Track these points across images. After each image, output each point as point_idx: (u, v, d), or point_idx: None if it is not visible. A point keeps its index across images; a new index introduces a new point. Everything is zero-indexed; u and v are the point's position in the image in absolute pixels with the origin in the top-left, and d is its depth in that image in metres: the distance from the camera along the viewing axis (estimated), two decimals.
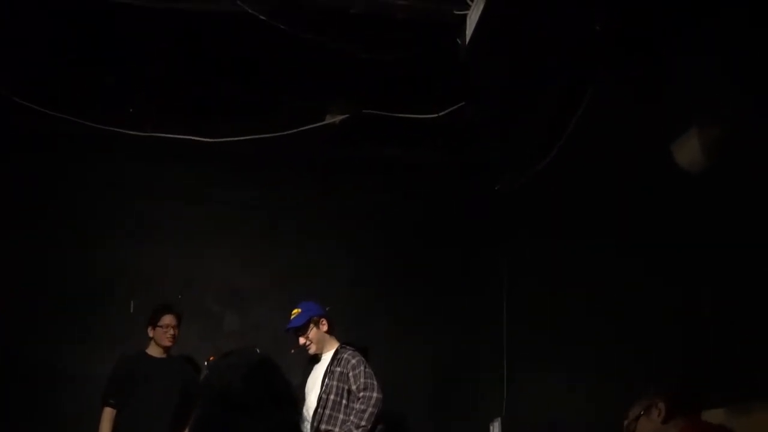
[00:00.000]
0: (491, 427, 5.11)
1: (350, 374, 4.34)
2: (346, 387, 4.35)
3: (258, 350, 2.15)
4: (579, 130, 4.19)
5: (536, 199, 4.91)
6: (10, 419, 5.05)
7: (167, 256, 5.73)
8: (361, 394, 4.28)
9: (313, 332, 4.55)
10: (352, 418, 4.22)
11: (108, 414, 4.63)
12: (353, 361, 4.39)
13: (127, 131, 4.95)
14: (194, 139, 4.98)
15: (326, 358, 4.53)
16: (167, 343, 4.86)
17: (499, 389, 5.03)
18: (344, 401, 4.34)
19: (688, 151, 3.06)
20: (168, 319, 4.87)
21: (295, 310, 4.62)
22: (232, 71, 4.70)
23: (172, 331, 4.86)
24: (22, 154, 5.52)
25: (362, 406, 4.24)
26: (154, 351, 4.88)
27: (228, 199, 5.93)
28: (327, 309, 4.84)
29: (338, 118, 4.95)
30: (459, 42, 3.92)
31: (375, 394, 4.28)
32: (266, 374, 1.89)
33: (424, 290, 5.96)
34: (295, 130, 4.94)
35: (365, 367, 4.38)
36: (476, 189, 5.77)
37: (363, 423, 4.19)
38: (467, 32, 3.86)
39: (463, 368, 5.74)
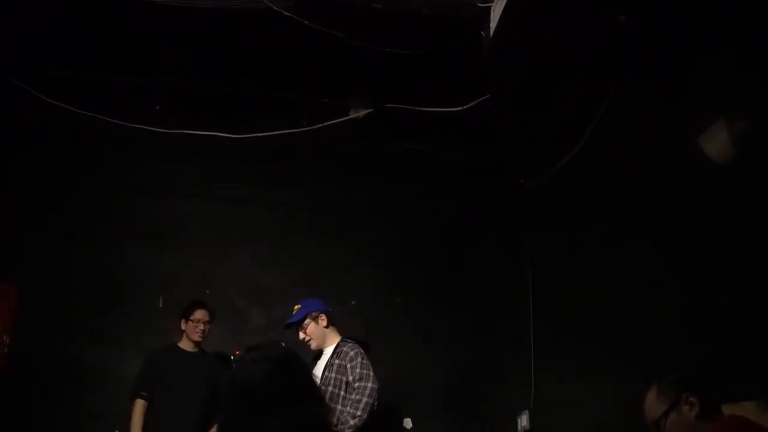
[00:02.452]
0: (519, 420, 5.10)
1: (348, 365, 4.39)
2: (344, 379, 4.39)
3: (283, 344, 2.16)
4: (603, 125, 4.15)
5: (561, 195, 4.87)
6: (41, 417, 5.14)
7: (192, 254, 5.78)
8: (357, 384, 4.32)
9: (311, 327, 4.59)
10: (348, 408, 4.25)
11: (140, 406, 4.69)
12: (351, 354, 4.44)
13: (152, 128, 4.98)
14: (219, 136, 5.00)
15: (328, 351, 4.58)
16: (196, 338, 4.92)
17: (527, 383, 5.01)
18: (342, 393, 4.38)
19: (716, 143, 3.02)
20: (200, 314, 4.93)
21: (296, 306, 4.68)
22: (256, 68, 4.71)
23: (202, 326, 4.92)
24: (46, 152, 5.60)
25: (357, 396, 4.28)
26: (185, 345, 4.95)
27: (253, 196, 5.97)
28: (352, 303, 4.86)
29: (362, 112, 4.95)
30: (483, 35, 3.90)
31: (370, 384, 4.32)
32: (291, 368, 1.90)
33: (448, 286, 5.96)
34: (318, 126, 4.94)
35: (362, 359, 4.42)
36: (501, 184, 5.74)
37: (359, 413, 4.22)
38: (491, 25, 3.84)
39: (490, 363, 5.72)
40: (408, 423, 5.61)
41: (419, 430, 5.61)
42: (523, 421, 5.05)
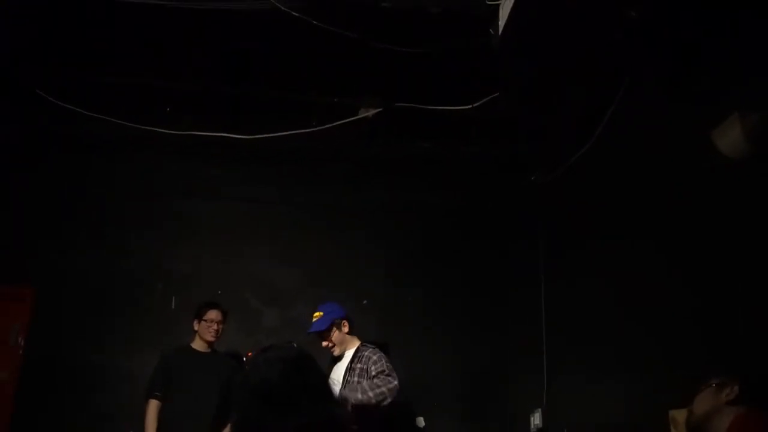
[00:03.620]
0: (532, 418, 5.09)
1: (372, 368, 4.36)
2: (366, 377, 4.37)
3: (295, 344, 2.16)
4: (615, 121, 4.13)
5: (573, 192, 4.86)
6: (55, 417, 5.18)
7: (205, 254, 5.81)
8: (382, 376, 4.28)
9: (335, 335, 4.59)
10: (365, 383, 4.23)
11: (153, 406, 4.71)
12: (374, 358, 4.44)
13: (163, 130, 5.00)
14: (230, 137, 5.02)
15: (348, 355, 4.57)
16: (210, 338, 4.93)
17: (540, 382, 5.00)
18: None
19: (729, 138, 3.00)
20: (213, 314, 4.95)
21: (317, 314, 4.65)
22: (265, 68, 4.71)
23: (215, 326, 4.94)
24: (59, 155, 5.66)
25: (379, 383, 4.26)
26: (198, 345, 4.97)
27: (264, 196, 5.99)
28: (364, 302, 4.84)
29: (372, 112, 4.94)
30: (492, 32, 3.88)
31: (394, 381, 4.30)
32: (305, 368, 1.90)
33: (461, 284, 5.95)
34: (329, 125, 4.94)
35: (385, 361, 4.43)
36: (512, 181, 5.73)
37: (371, 394, 4.19)
38: (500, 22, 3.82)
39: (503, 361, 5.72)
40: (421, 421, 5.61)
41: (432, 429, 5.61)
42: (536, 419, 5.05)
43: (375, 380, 4.27)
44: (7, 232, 5.51)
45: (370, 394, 4.20)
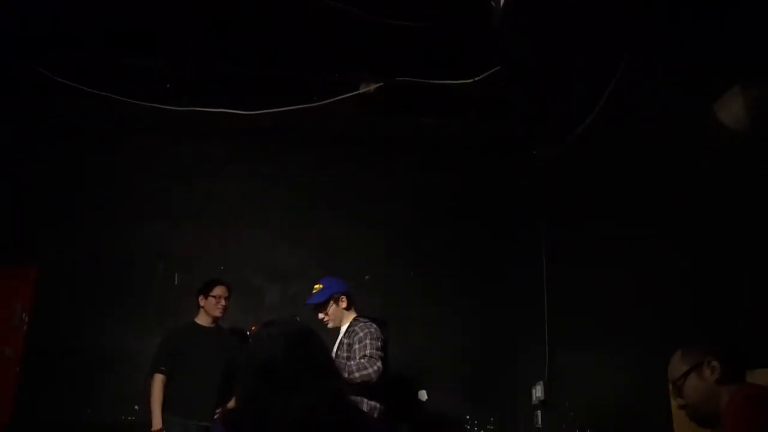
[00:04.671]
0: (534, 391, 5.13)
1: (356, 346, 4.32)
2: (353, 356, 4.29)
3: (298, 319, 2.16)
4: (616, 96, 4.11)
5: (574, 168, 4.85)
6: (60, 397, 5.23)
7: (207, 233, 5.81)
8: (367, 358, 4.22)
9: (332, 309, 4.54)
10: (352, 363, 4.20)
11: (159, 380, 4.73)
12: (360, 334, 4.32)
13: (164, 106, 4.98)
14: (230, 113, 5.00)
15: (342, 330, 4.55)
16: (217, 314, 4.96)
17: (541, 355, 5.03)
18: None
19: (731, 111, 2.99)
20: (220, 290, 4.98)
21: (317, 286, 4.60)
22: (265, 45, 4.68)
23: (223, 302, 4.97)
24: (62, 136, 5.65)
25: (365, 363, 4.17)
26: (203, 320, 4.99)
27: (264, 174, 5.98)
28: (366, 278, 4.83)
29: (373, 86, 4.91)
30: (493, 5, 3.85)
31: (378, 363, 4.22)
32: (307, 344, 1.91)
33: (463, 260, 5.96)
34: (330, 100, 4.91)
35: (371, 339, 4.29)
36: (513, 159, 5.72)
37: (356, 375, 4.14)
38: None
39: (505, 335, 5.75)
40: (423, 395, 5.65)
41: (434, 402, 5.65)
42: (538, 392, 5.08)
43: (364, 361, 4.23)
44: (10, 214, 5.52)
45: (356, 375, 4.17)
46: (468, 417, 5.67)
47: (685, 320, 3.34)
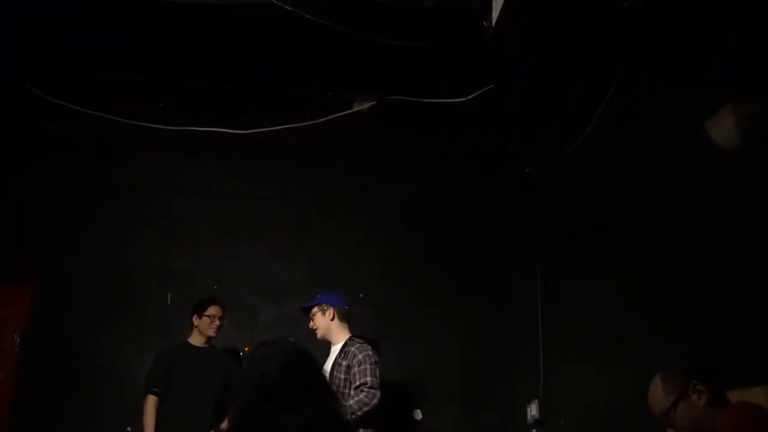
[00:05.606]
0: (528, 409, 5.11)
1: (355, 369, 4.31)
2: (351, 381, 4.32)
3: (292, 339, 2.17)
4: (610, 113, 4.13)
5: (568, 184, 4.87)
6: (53, 415, 5.18)
7: (201, 250, 5.80)
8: (367, 389, 4.23)
9: (317, 317, 4.60)
10: (351, 403, 4.20)
11: (152, 402, 4.70)
12: (360, 357, 4.35)
13: (158, 126, 4.99)
14: (224, 132, 5.01)
15: (335, 349, 4.55)
16: (212, 333, 4.94)
17: (536, 373, 5.02)
18: (350, 392, 4.31)
19: (722, 130, 3.00)
20: (214, 310, 4.96)
21: (317, 295, 4.68)
22: (259, 63, 4.70)
23: (217, 322, 4.95)
24: (54, 153, 5.64)
25: (366, 399, 4.19)
26: (196, 340, 4.96)
27: (259, 191, 5.98)
28: (359, 296, 4.85)
29: (366, 105, 4.93)
30: (485, 24, 3.88)
31: (378, 393, 4.25)
32: (303, 363, 1.91)
33: (458, 277, 5.96)
34: (323, 119, 4.94)
35: (370, 364, 4.33)
36: (507, 175, 5.73)
37: (359, 413, 4.17)
38: (493, 14, 3.81)
39: (499, 353, 5.73)
40: (418, 414, 5.63)
41: (429, 421, 5.63)
42: (533, 410, 5.06)
43: (362, 396, 4.23)
44: (4, 230, 5.49)
45: (359, 413, 4.19)
46: None
47: (682, 337, 3.34)
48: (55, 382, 5.24)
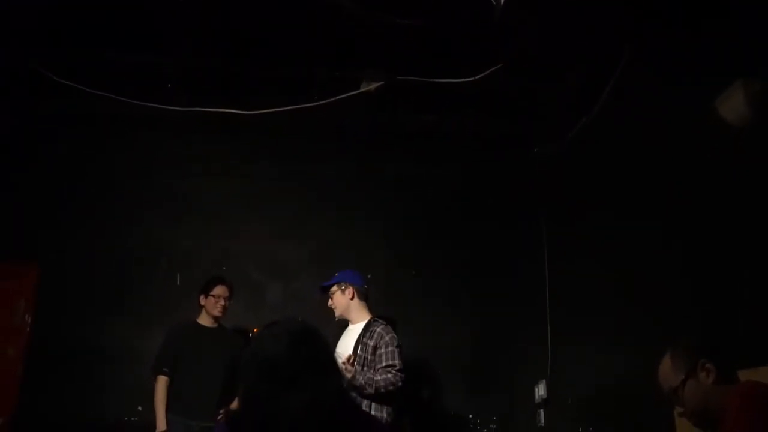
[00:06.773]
0: (536, 389, 5.13)
1: (382, 350, 4.32)
2: (376, 360, 4.33)
3: (300, 319, 2.17)
4: (616, 92, 4.10)
5: (575, 163, 4.85)
6: (63, 395, 5.21)
7: (208, 231, 5.81)
8: (395, 371, 4.25)
9: (336, 296, 4.59)
10: (378, 378, 4.21)
11: (162, 382, 4.73)
12: (387, 338, 4.36)
13: (164, 106, 4.98)
14: (231, 112, 5.00)
15: (356, 328, 4.53)
16: (217, 313, 4.95)
17: (544, 353, 5.03)
18: (375, 371, 4.32)
19: (732, 106, 2.98)
20: (220, 290, 4.97)
21: (336, 273, 4.67)
22: (266, 43, 4.68)
23: (223, 302, 4.95)
24: (63, 134, 5.65)
25: (392, 379, 4.21)
26: (204, 320, 4.99)
27: (266, 172, 5.98)
28: (367, 276, 4.86)
29: (374, 85, 4.90)
30: (494, 3, 3.84)
31: (403, 377, 4.28)
32: (309, 343, 1.90)
33: (465, 257, 5.96)
34: (330, 99, 4.91)
35: (397, 347, 4.36)
36: (514, 155, 5.71)
37: (382, 390, 4.19)
38: None
39: (507, 333, 5.74)
40: (426, 393, 5.65)
41: (436, 401, 5.65)
42: (541, 390, 5.08)
43: (389, 376, 4.25)
44: (10, 212, 5.51)
45: (381, 389, 4.20)
46: (470, 416, 5.67)
47: (686, 316, 3.34)
48: (64, 362, 5.27)
